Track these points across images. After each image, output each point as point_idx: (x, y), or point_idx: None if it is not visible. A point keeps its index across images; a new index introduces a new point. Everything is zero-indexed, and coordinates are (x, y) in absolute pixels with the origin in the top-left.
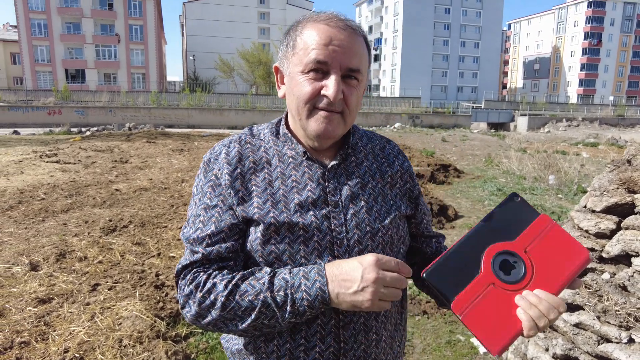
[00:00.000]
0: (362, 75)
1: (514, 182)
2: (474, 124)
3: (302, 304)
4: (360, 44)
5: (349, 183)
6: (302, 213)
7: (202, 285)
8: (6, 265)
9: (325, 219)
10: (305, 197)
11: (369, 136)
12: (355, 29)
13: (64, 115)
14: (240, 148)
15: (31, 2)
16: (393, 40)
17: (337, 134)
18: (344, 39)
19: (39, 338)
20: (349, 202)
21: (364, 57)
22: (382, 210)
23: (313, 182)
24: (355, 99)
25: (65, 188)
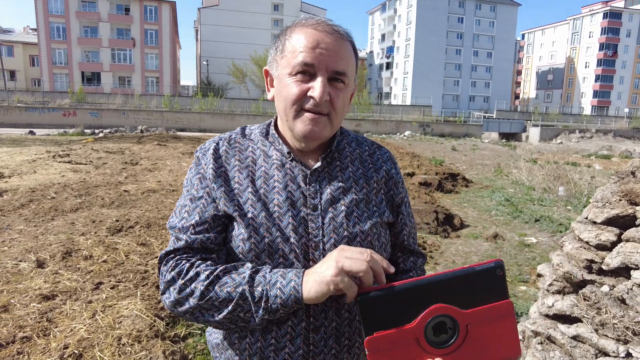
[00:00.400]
0: (349, 78)
1: (522, 192)
2: (485, 133)
3: (276, 302)
4: (347, 48)
5: (331, 187)
6: (281, 214)
7: (184, 273)
8: (14, 261)
9: (303, 221)
10: (284, 197)
11: (360, 141)
12: (342, 34)
13: (79, 116)
14: (228, 147)
15: (51, 6)
16: (405, 48)
17: (324, 136)
18: (330, 43)
19: (41, 333)
20: (328, 206)
21: (351, 62)
22: (363, 215)
23: (294, 183)
24: (342, 102)
25: (76, 188)
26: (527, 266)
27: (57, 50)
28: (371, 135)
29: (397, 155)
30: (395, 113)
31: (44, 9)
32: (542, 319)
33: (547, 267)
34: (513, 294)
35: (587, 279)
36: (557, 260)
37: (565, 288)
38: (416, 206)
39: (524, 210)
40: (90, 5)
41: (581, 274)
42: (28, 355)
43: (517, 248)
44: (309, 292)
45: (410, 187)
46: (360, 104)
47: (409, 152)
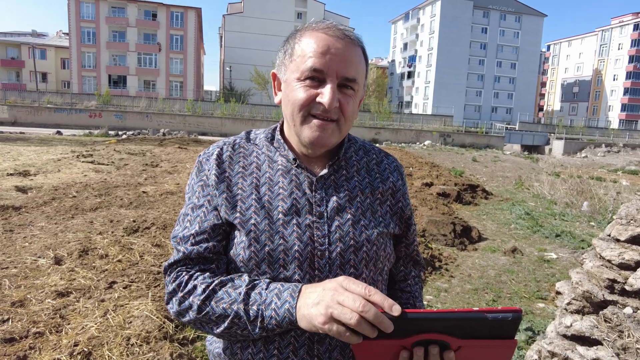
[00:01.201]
0: (359, 85)
1: (543, 206)
2: (507, 145)
3: (271, 322)
4: (357, 54)
5: (337, 195)
6: (285, 222)
7: (183, 285)
8: (33, 257)
9: (308, 229)
10: (289, 205)
11: (367, 149)
12: (353, 39)
13: (104, 118)
14: (232, 152)
15: (83, 11)
16: (428, 58)
17: (331, 142)
18: (340, 48)
19: (53, 330)
20: (334, 214)
21: (361, 68)
22: (370, 225)
23: (299, 190)
24: (351, 108)
25: (96, 187)
26: (546, 283)
27: (87, 53)
28: (390, 144)
29: (416, 165)
30: (415, 122)
31: (77, 14)
32: (560, 339)
33: (566, 285)
34: (530, 310)
35: (609, 299)
36: (577, 278)
37: (584, 308)
38: (433, 217)
39: (544, 225)
40: (119, 11)
41: (602, 293)
42: (39, 351)
43: (536, 263)
44: (301, 321)
45: (428, 197)
46: (380, 112)
47: (428, 162)
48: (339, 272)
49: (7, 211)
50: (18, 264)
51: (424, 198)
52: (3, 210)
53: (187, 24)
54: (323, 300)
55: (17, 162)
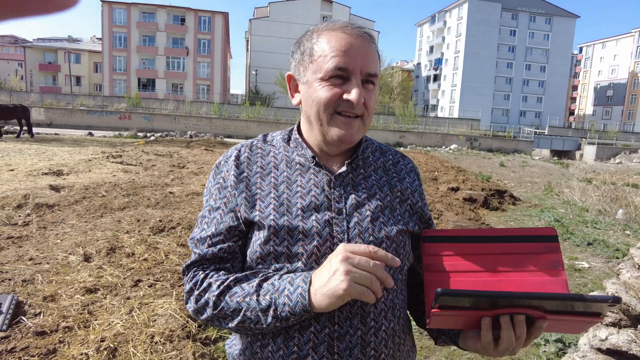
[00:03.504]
0: (378, 79)
1: (574, 213)
2: (535, 150)
3: (284, 309)
4: (374, 50)
5: (355, 192)
6: (304, 217)
7: (199, 284)
8: (64, 254)
9: (328, 225)
10: (308, 202)
11: (383, 150)
12: (369, 36)
13: (133, 120)
14: (250, 153)
15: (115, 17)
16: (454, 60)
17: (357, 138)
18: (360, 45)
19: (82, 325)
20: (353, 210)
21: (378, 63)
22: (389, 222)
23: (318, 188)
24: (373, 102)
25: (125, 187)
26: None
27: (118, 57)
28: (415, 148)
29: (441, 169)
30: (441, 126)
31: (109, 19)
32: (594, 353)
33: None
34: None
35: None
36: (613, 289)
37: (621, 321)
38: (459, 222)
39: (575, 232)
40: (149, 16)
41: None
42: (68, 345)
43: (567, 272)
44: (319, 303)
45: (454, 202)
46: (405, 116)
47: (454, 166)
48: None
49: (42, 209)
50: (50, 260)
51: (450, 203)
52: (38, 207)
53: (215, 29)
54: (339, 270)
55: (51, 162)
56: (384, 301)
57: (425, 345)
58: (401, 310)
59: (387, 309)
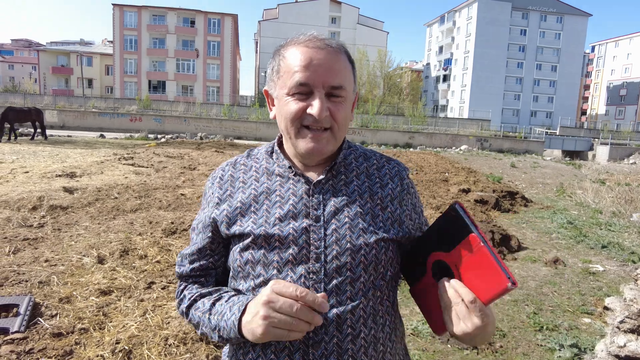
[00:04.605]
0: (347, 90)
1: (587, 215)
2: (547, 150)
3: (224, 332)
4: (341, 61)
5: (335, 199)
6: (282, 226)
7: (179, 294)
8: (79, 255)
9: (305, 232)
10: (286, 210)
11: (368, 156)
12: (334, 47)
13: (144, 122)
14: (233, 170)
15: (126, 20)
16: (464, 61)
17: (328, 150)
18: (322, 58)
19: (97, 327)
20: (331, 217)
21: (347, 73)
22: (369, 228)
23: (296, 196)
24: (343, 114)
25: (137, 189)
26: (592, 297)
27: (129, 60)
28: (425, 149)
29: (452, 170)
30: (451, 126)
31: (120, 23)
32: None
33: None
34: (575, 326)
35: None
36: (631, 295)
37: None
38: None
39: (589, 235)
40: (159, 19)
41: None
42: (84, 347)
43: (581, 275)
44: (248, 336)
45: (465, 204)
46: (414, 116)
47: (464, 167)
48: (335, 275)
49: (56, 210)
50: (65, 262)
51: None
52: (52, 209)
53: (224, 31)
54: (259, 313)
55: (64, 164)
56: (363, 308)
57: (438, 350)
58: (386, 317)
59: (366, 316)
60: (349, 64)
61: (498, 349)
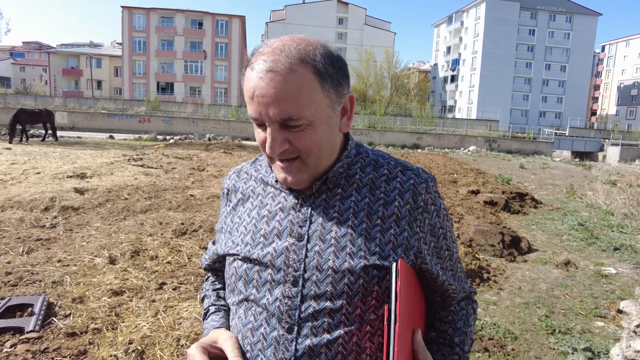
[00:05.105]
0: (305, 117)
1: (598, 217)
2: (556, 151)
3: None
4: (289, 85)
5: (324, 216)
6: (265, 245)
7: (204, 282)
8: (90, 256)
9: (285, 252)
10: (272, 227)
11: (379, 164)
12: (279, 70)
13: (152, 123)
14: (237, 179)
15: (135, 22)
16: (472, 61)
17: (301, 180)
18: (264, 87)
19: (110, 327)
20: (316, 237)
21: (300, 98)
22: (358, 253)
23: (283, 212)
24: (310, 141)
25: (146, 190)
26: (605, 299)
27: (137, 62)
28: (433, 150)
29: (461, 171)
30: (459, 127)
31: (129, 25)
32: None
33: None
34: (588, 329)
35: None
36: None
37: None
38: (480, 226)
39: (600, 237)
40: (168, 21)
41: None
42: (98, 346)
43: (593, 278)
44: None
45: (474, 205)
46: (422, 117)
47: (473, 168)
48: (312, 303)
49: (67, 211)
50: (77, 262)
51: (471, 206)
52: (64, 210)
53: (232, 32)
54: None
55: (75, 164)
56: (344, 344)
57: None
58: (378, 355)
59: (347, 353)
60: (310, 81)
61: (510, 352)
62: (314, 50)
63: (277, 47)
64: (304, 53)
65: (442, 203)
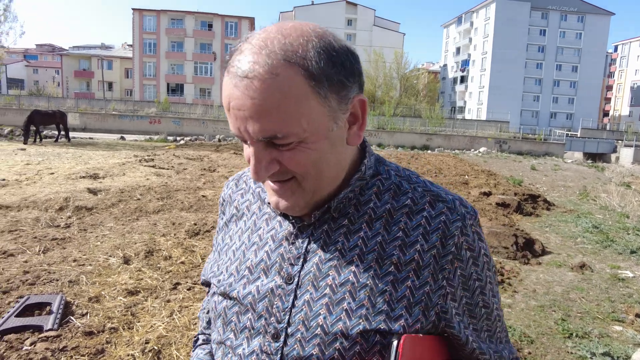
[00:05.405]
0: (294, 135)
1: (613, 219)
2: (567, 153)
3: None
4: (271, 93)
5: (322, 254)
6: (248, 281)
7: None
8: (105, 256)
9: (269, 295)
10: (259, 259)
11: (399, 191)
12: (259, 74)
13: (163, 124)
14: (234, 189)
15: (145, 24)
16: (482, 61)
17: (297, 206)
18: (240, 98)
19: (126, 326)
20: (309, 282)
21: (287, 109)
22: (357, 312)
23: (274, 242)
24: (304, 160)
25: (158, 191)
26: (622, 303)
27: (148, 63)
28: (443, 151)
29: (472, 173)
30: (469, 128)
31: (140, 27)
32: None
33: None
34: (606, 333)
35: None
36: None
37: None
38: (493, 228)
39: (616, 240)
40: (178, 23)
41: None
42: (115, 346)
43: (609, 281)
44: None
45: (487, 207)
46: (431, 118)
47: (484, 170)
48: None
49: (81, 211)
50: (92, 262)
51: (483, 208)
52: (78, 210)
53: (241, 34)
54: None
55: (87, 165)
56: None
57: None
58: None
59: None
60: (299, 86)
61: (527, 356)
62: (306, 44)
63: (257, 42)
64: (291, 49)
65: (483, 247)
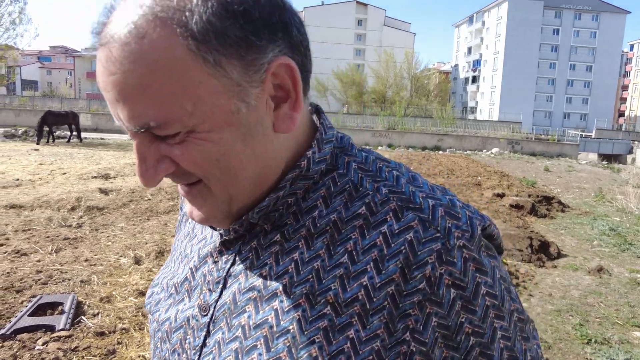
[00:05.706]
0: (177, 122)
1: (631, 222)
2: (582, 154)
3: None
4: (136, 65)
5: (243, 280)
6: (173, 302)
7: None
8: (116, 256)
9: (184, 325)
10: (183, 277)
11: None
12: (116, 43)
13: None
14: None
15: None
16: (493, 61)
17: (211, 216)
18: (102, 74)
19: (137, 327)
20: (223, 317)
21: (160, 86)
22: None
23: (199, 257)
24: (200, 156)
25: (169, 191)
26: None
27: None
28: (455, 152)
29: (484, 174)
30: (481, 128)
31: None
32: None
33: None
34: (626, 339)
35: None
36: None
37: None
38: (507, 230)
39: (634, 243)
40: None
41: None
42: (126, 346)
43: (628, 286)
44: None
45: (500, 209)
46: (442, 118)
47: (497, 171)
48: None
49: (93, 211)
50: (104, 262)
51: (496, 210)
52: (89, 210)
53: None
54: None
55: (99, 165)
56: None
57: None
58: None
59: None
60: (176, 53)
61: None
62: None
63: (105, 7)
64: (148, 14)
65: (484, 281)
